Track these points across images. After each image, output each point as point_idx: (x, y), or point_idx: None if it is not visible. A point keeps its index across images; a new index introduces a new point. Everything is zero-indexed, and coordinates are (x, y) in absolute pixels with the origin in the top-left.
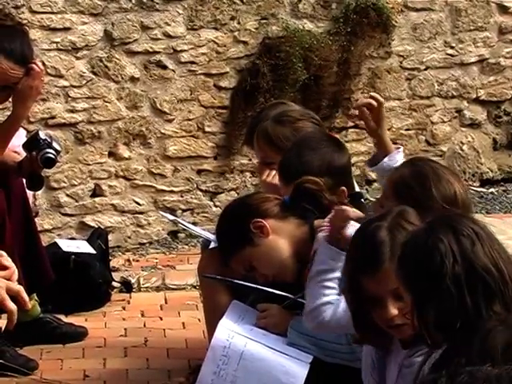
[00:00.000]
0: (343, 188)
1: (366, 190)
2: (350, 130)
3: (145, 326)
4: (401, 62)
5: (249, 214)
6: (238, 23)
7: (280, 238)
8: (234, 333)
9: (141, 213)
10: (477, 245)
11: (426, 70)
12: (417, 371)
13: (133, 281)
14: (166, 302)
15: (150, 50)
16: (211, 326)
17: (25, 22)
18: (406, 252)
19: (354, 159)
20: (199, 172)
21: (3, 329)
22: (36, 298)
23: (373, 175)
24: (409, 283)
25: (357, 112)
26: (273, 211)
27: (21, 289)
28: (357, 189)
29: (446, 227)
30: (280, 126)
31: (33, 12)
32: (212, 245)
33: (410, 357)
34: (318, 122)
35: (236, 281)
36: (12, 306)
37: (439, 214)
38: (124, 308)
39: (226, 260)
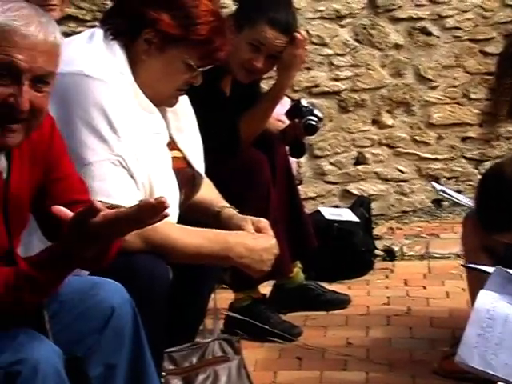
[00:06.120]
0: None
1: None
2: None
3: (408, 294)
4: None
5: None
6: None
7: None
8: (498, 297)
9: (404, 181)
10: None
11: None
12: None
13: (396, 249)
14: (429, 271)
15: (415, 16)
16: (475, 295)
17: None
18: None
19: None
20: (464, 139)
21: None
22: (299, 265)
23: None
24: None
25: None
26: None
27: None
28: None
29: None
30: None
31: None
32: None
33: None
34: None
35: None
36: None
37: None
38: (387, 276)
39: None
